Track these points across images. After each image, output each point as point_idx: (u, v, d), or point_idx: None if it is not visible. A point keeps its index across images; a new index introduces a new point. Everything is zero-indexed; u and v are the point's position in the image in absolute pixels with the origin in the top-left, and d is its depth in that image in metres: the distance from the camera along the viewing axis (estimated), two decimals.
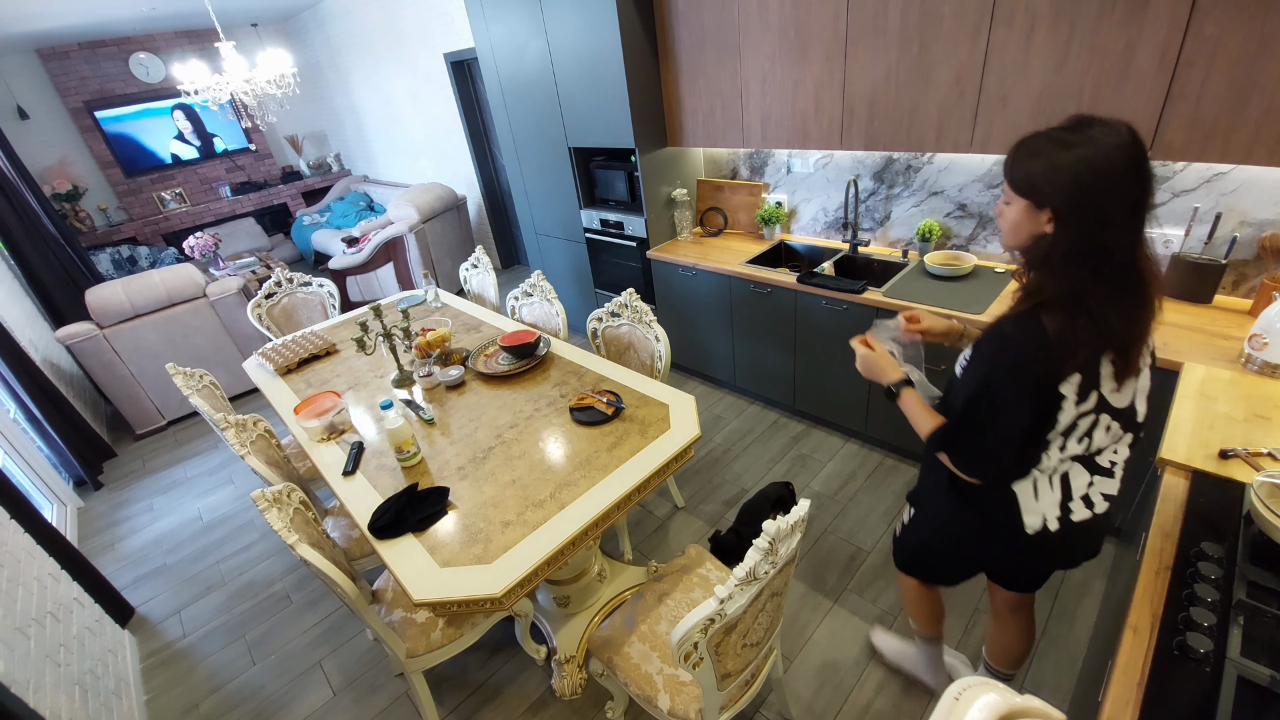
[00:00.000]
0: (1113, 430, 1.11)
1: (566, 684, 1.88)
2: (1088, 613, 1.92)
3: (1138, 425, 1.14)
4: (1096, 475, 1.16)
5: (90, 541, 3.00)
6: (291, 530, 1.45)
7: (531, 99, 3.46)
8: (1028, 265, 1.06)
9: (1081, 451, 1.13)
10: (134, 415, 3.82)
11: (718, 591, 1.08)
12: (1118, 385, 1.07)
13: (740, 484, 2.69)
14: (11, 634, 1.67)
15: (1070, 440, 1.10)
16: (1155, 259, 1.01)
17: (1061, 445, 1.11)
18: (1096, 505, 1.18)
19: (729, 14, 2.55)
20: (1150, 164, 0.95)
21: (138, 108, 6.26)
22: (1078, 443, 1.11)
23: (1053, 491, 1.16)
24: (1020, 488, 1.17)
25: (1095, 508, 1.18)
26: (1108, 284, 0.98)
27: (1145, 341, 1.06)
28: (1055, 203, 0.98)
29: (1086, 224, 0.96)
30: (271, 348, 2.64)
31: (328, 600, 2.41)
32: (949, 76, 2.04)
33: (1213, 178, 1.87)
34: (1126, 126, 0.94)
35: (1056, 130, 1.00)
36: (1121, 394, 1.08)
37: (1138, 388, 1.11)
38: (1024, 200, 1.04)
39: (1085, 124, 0.97)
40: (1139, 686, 0.91)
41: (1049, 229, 1.00)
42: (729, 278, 2.89)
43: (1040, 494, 1.16)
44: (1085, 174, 0.94)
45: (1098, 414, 1.08)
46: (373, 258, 4.79)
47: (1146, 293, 1.01)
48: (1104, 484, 1.17)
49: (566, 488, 1.59)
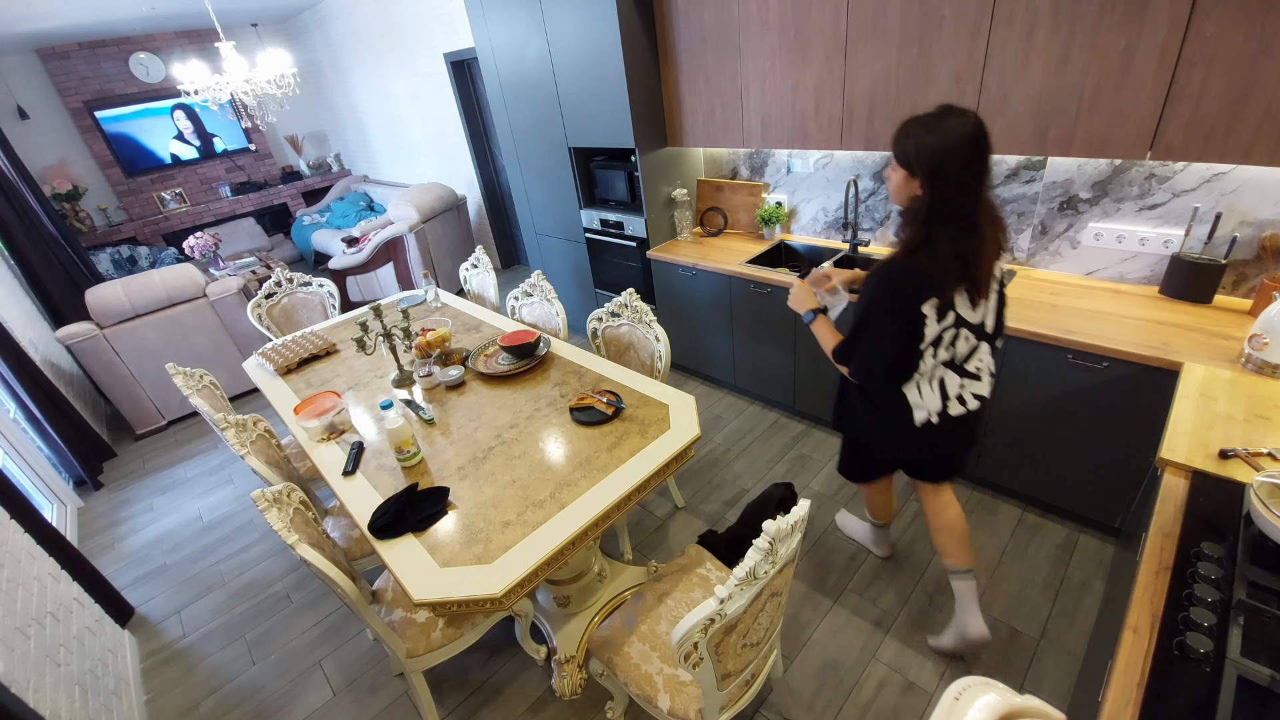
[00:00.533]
0: (969, 340, 1.47)
1: (566, 684, 1.88)
2: (1088, 613, 1.93)
3: (989, 335, 1.50)
4: (965, 378, 1.52)
5: (90, 541, 3.00)
6: (291, 530, 1.45)
7: (531, 99, 3.46)
8: (904, 219, 1.38)
9: (949, 358, 1.48)
10: (134, 415, 3.82)
11: (718, 591, 1.08)
12: (972, 306, 1.43)
13: (740, 484, 2.69)
14: (11, 634, 1.67)
15: (940, 349, 1.46)
16: (995, 206, 1.36)
17: (934, 353, 1.46)
18: (969, 403, 1.54)
19: (729, 14, 2.55)
20: (989, 144, 1.28)
21: (138, 108, 6.26)
22: (945, 350, 1.47)
23: (933, 392, 1.52)
24: (908, 390, 1.52)
25: (968, 405, 1.54)
26: (958, 231, 1.31)
27: (991, 272, 1.41)
28: (921, 173, 1.30)
29: (942, 189, 1.29)
30: (271, 348, 2.64)
31: (328, 600, 2.41)
32: (949, 76, 2.04)
33: (1213, 178, 1.87)
34: (974, 116, 1.27)
35: (925, 116, 1.31)
36: (975, 313, 1.44)
37: (988, 307, 1.47)
38: (902, 170, 1.35)
39: (946, 113, 1.29)
40: (1139, 686, 0.91)
41: (920, 192, 1.33)
42: (729, 278, 2.89)
43: (924, 395, 1.52)
44: (941, 153, 1.27)
45: (957, 329, 1.44)
46: (373, 258, 4.79)
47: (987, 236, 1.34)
48: (974, 385, 1.54)
49: (566, 488, 1.59)
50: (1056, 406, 2.01)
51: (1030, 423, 2.11)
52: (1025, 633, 1.90)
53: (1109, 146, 1.81)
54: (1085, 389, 1.92)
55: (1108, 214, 2.11)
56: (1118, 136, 1.78)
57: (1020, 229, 2.34)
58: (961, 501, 2.40)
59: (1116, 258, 2.15)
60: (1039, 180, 2.22)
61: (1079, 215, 2.18)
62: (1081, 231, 2.19)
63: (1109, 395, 1.88)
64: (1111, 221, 2.12)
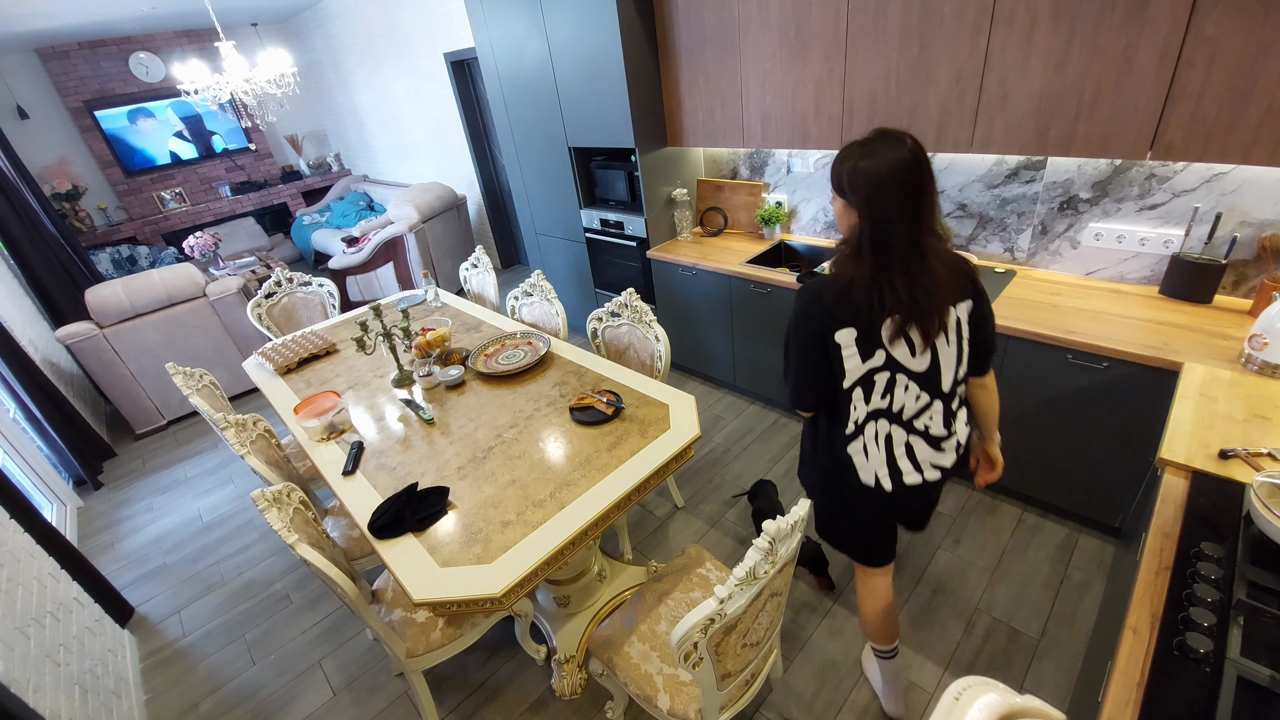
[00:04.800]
0: (912, 390, 1.31)
1: (566, 684, 1.88)
2: (1088, 613, 1.92)
3: (943, 393, 1.33)
4: (913, 436, 1.35)
5: (90, 541, 3.00)
6: (291, 530, 1.45)
7: (531, 99, 3.46)
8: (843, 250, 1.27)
9: (886, 407, 1.33)
10: (134, 415, 3.82)
11: (717, 591, 1.08)
12: (910, 351, 1.27)
13: (740, 484, 2.69)
14: (11, 634, 1.67)
15: (872, 395, 1.32)
16: (942, 247, 1.23)
17: (866, 398, 1.32)
18: (926, 473, 1.38)
19: (729, 14, 2.55)
20: (929, 170, 1.17)
21: (137, 106, 6.25)
22: (881, 398, 1.32)
23: (879, 451, 1.37)
24: (852, 449, 1.38)
25: (925, 475, 1.38)
26: (895, 265, 1.19)
27: (938, 313, 1.24)
28: (856, 201, 1.20)
29: (876, 218, 1.18)
30: (271, 347, 2.64)
31: (328, 600, 2.41)
32: (949, 76, 2.04)
33: (1213, 178, 1.87)
34: (912, 140, 1.17)
35: (861, 141, 1.21)
36: (917, 360, 1.28)
37: (941, 358, 1.29)
38: (841, 199, 1.25)
39: (881, 137, 1.20)
40: (1139, 686, 0.91)
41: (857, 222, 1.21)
42: (729, 278, 2.89)
43: (869, 454, 1.37)
44: (872, 180, 1.16)
45: (892, 373, 1.29)
46: (373, 257, 4.79)
47: (938, 273, 1.21)
48: (931, 454, 1.37)
49: (566, 487, 1.59)
50: (1056, 406, 2.01)
51: (1030, 423, 2.11)
52: (1025, 633, 1.90)
53: (1109, 146, 1.81)
54: (1085, 389, 1.92)
55: (1108, 214, 2.11)
56: (1118, 136, 1.78)
57: (1020, 229, 2.34)
58: (961, 501, 2.41)
59: (1116, 258, 2.15)
60: (1039, 180, 2.22)
61: (1079, 215, 2.18)
62: (1081, 231, 2.19)
63: (1109, 395, 1.88)
64: (1111, 221, 2.12)
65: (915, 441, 1.36)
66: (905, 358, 1.28)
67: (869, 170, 1.17)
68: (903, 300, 1.20)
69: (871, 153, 1.18)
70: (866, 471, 1.38)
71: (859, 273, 1.22)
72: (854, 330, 1.25)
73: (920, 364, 1.29)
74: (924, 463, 1.38)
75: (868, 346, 1.27)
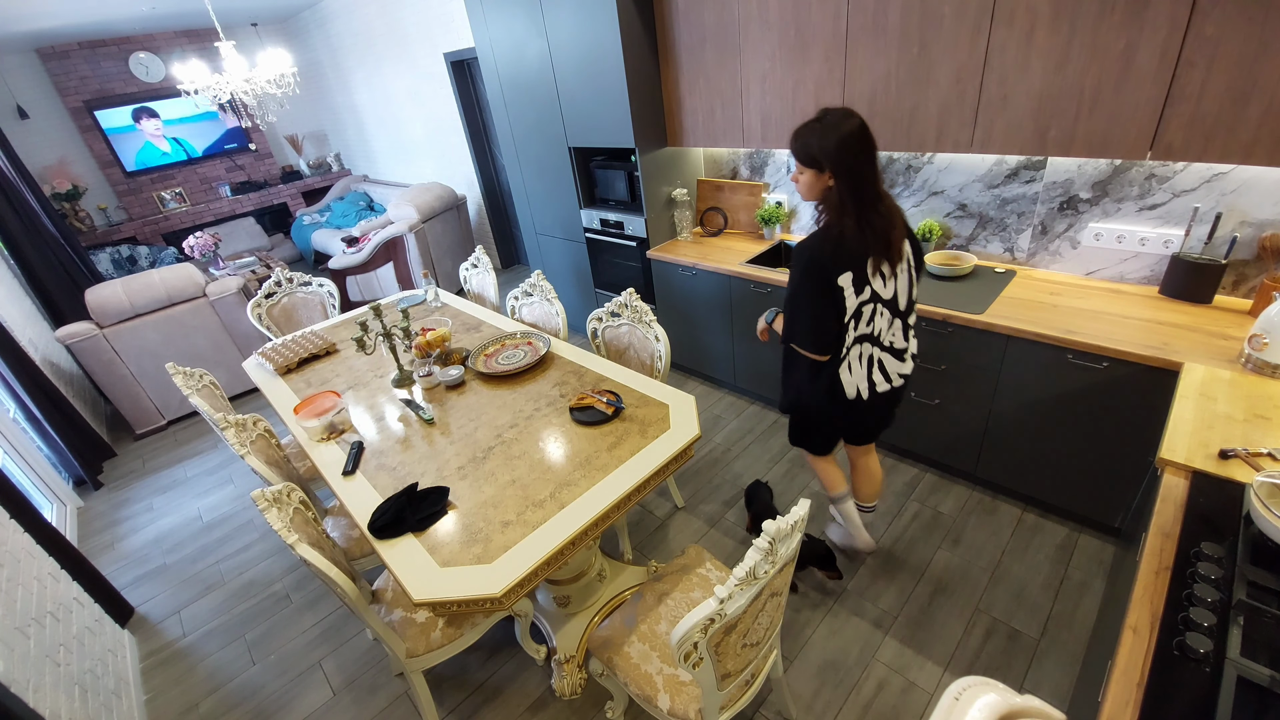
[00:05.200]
0: (885, 316, 1.64)
1: (566, 684, 1.88)
2: (1088, 613, 1.92)
3: (902, 311, 1.66)
4: (885, 354, 1.70)
5: (90, 541, 3.00)
6: (291, 530, 1.45)
7: (531, 99, 3.46)
8: (825, 209, 1.55)
9: (869, 332, 1.64)
10: (134, 415, 3.82)
11: (717, 591, 1.08)
12: (884, 282, 1.58)
13: (740, 484, 2.69)
14: (11, 634, 1.67)
15: (860, 324, 1.62)
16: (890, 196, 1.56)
17: (855, 327, 1.62)
18: (894, 381, 1.75)
19: (729, 14, 2.55)
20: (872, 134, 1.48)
21: (138, 106, 6.25)
22: (866, 325, 1.63)
23: (861, 368, 1.70)
24: (841, 370, 1.69)
25: (893, 382, 1.75)
26: (871, 210, 1.50)
27: (897, 250, 1.56)
28: (830, 165, 1.48)
29: (852, 175, 1.47)
30: (271, 347, 2.64)
31: (328, 600, 2.41)
32: (949, 76, 2.04)
33: (1213, 178, 1.87)
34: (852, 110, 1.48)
35: (814, 121, 1.49)
36: (886, 288, 1.60)
37: (899, 285, 1.62)
38: (810, 169, 1.52)
39: (830, 113, 1.48)
40: (1139, 686, 0.91)
41: (832, 184, 1.50)
42: (729, 277, 2.89)
43: (853, 372, 1.70)
44: (841, 143, 1.45)
45: (874, 304, 1.60)
46: (373, 257, 4.79)
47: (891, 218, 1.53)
48: (897, 365, 1.73)
49: (566, 487, 1.59)
50: (1056, 406, 2.01)
51: (1030, 422, 2.11)
52: (1025, 633, 1.90)
53: (1109, 146, 1.81)
54: (1085, 389, 1.92)
55: (1108, 214, 2.11)
56: (1118, 136, 1.78)
57: (1020, 229, 2.34)
58: (961, 501, 2.42)
59: (1116, 258, 2.15)
60: (1039, 180, 2.22)
61: (1079, 215, 2.18)
62: (1081, 231, 2.19)
63: (1109, 395, 1.88)
64: (1111, 221, 2.12)
65: (885, 357, 1.70)
66: (880, 288, 1.59)
67: (839, 137, 1.44)
68: (880, 239, 1.52)
69: (833, 125, 1.45)
70: (850, 387, 1.71)
71: (847, 223, 1.50)
72: (851, 273, 1.54)
73: (889, 291, 1.61)
74: (892, 373, 1.73)
75: (859, 284, 1.56)
